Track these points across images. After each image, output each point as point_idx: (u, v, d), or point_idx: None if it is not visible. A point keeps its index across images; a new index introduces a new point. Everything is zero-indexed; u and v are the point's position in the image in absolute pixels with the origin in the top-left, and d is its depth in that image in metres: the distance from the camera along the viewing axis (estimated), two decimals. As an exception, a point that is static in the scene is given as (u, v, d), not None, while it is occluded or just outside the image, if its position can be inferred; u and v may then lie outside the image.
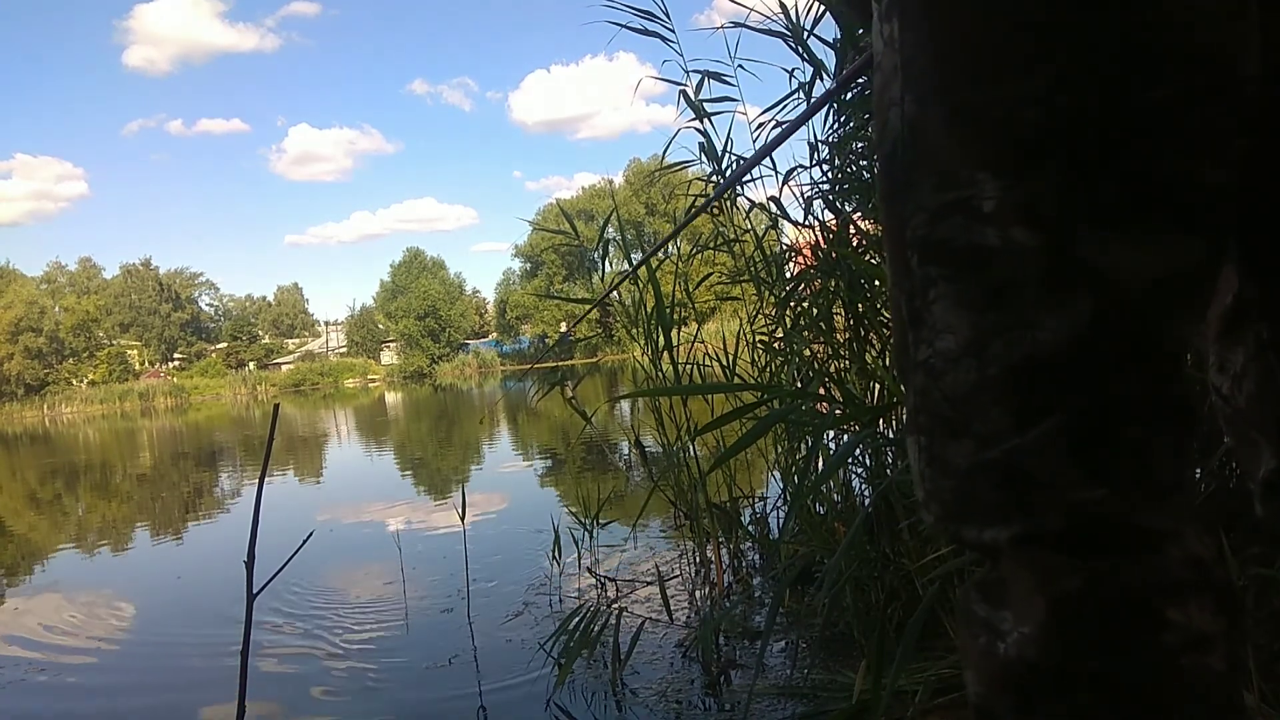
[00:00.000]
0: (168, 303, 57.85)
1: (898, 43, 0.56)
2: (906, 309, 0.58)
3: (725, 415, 1.50)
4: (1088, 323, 0.51)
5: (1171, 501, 0.54)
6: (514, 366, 46.46)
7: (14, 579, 4.22)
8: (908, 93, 0.55)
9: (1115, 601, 0.52)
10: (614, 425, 7.24)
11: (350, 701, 2.06)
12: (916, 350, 0.57)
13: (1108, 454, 0.52)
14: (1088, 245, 0.51)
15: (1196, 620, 0.52)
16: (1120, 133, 0.49)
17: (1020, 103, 0.50)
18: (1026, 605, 0.53)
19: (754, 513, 2.90)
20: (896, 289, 0.59)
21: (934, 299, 0.55)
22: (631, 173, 48.50)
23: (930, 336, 0.56)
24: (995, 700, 0.55)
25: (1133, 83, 0.48)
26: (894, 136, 0.57)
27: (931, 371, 0.56)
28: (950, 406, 0.56)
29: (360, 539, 4.25)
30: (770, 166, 2.59)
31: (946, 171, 0.54)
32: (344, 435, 13.13)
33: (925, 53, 0.54)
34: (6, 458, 15.28)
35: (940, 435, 0.57)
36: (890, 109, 0.57)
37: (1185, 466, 0.58)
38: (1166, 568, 0.52)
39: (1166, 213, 0.50)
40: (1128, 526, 0.53)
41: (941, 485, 0.58)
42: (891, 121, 0.57)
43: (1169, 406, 0.54)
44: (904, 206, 0.57)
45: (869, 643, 1.73)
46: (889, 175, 0.59)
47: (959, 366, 0.55)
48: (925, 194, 0.55)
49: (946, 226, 0.54)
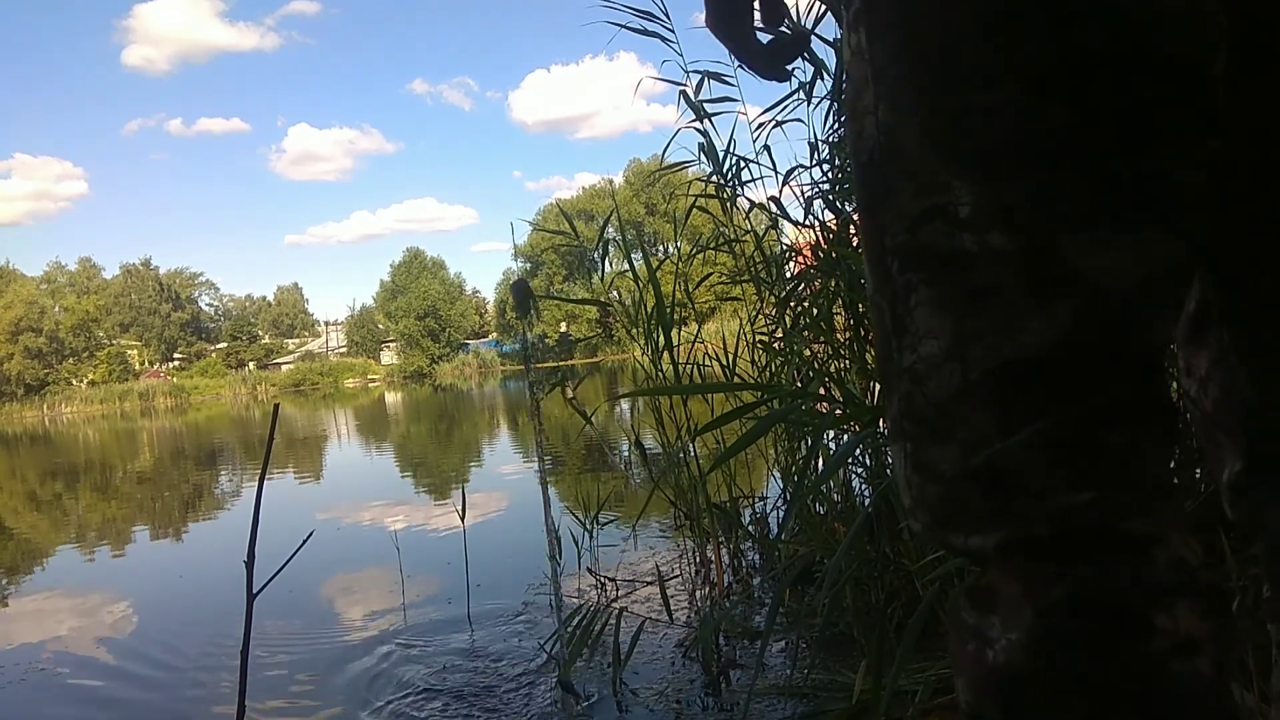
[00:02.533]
0: (168, 303, 57.86)
1: (866, 53, 0.56)
2: (890, 316, 0.58)
3: (725, 415, 1.51)
4: (1069, 325, 0.51)
5: (1157, 505, 0.54)
6: (514, 366, 46.46)
7: (14, 579, 4.22)
8: (881, 102, 0.56)
9: (1102, 608, 0.52)
10: (614, 425, 7.24)
11: (350, 701, 2.06)
12: (900, 356, 0.57)
13: (1092, 458, 0.52)
14: (1066, 248, 0.51)
15: (1184, 625, 0.52)
16: (1092, 136, 0.49)
17: (992, 110, 0.50)
18: (1015, 612, 0.53)
19: (754, 513, 2.90)
20: (879, 295, 0.59)
21: (915, 305, 0.55)
22: (632, 173, 48.59)
23: (913, 342, 0.56)
24: (985, 707, 0.55)
25: (1101, 88, 0.49)
26: (870, 145, 0.57)
27: (915, 377, 0.56)
28: (935, 411, 0.56)
29: (360, 539, 4.25)
30: (770, 167, 2.60)
31: (923, 178, 0.54)
32: (344, 435, 13.13)
33: (897, 62, 0.54)
34: (6, 458, 15.28)
35: (925, 441, 0.57)
36: (865, 117, 0.57)
37: (1169, 468, 0.58)
38: (1153, 573, 0.52)
39: (1143, 213, 0.51)
40: (1114, 532, 0.53)
41: (927, 492, 0.58)
42: (867, 130, 0.57)
43: (1151, 408, 0.54)
44: (883, 214, 0.57)
45: (869, 643, 1.73)
46: (866, 183, 0.59)
47: (942, 371, 0.55)
48: (904, 201, 0.55)
49: (926, 232, 0.54)
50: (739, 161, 2.66)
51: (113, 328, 55.21)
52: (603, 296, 3.08)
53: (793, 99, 2.44)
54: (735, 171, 2.67)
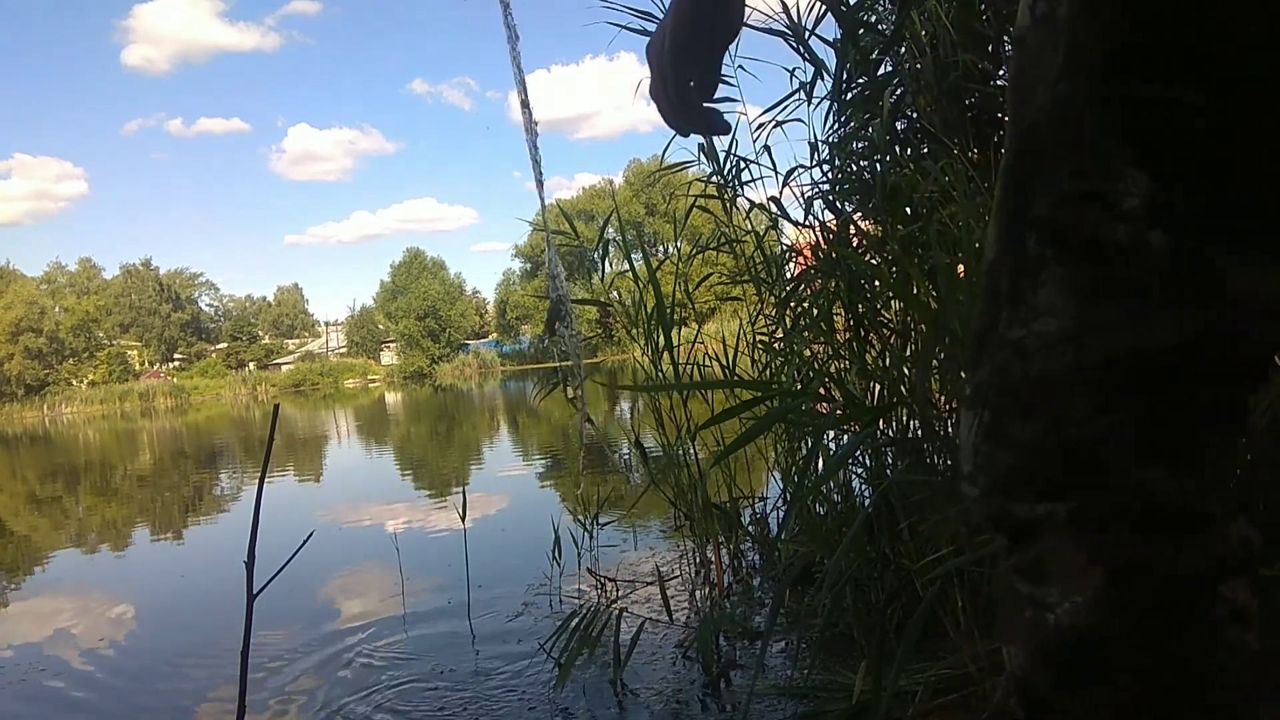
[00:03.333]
0: (168, 303, 57.85)
1: (1064, 23, 0.55)
2: (1008, 286, 0.58)
3: (726, 411, 1.50)
4: (1197, 332, 0.52)
5: (1225, 490, 0.58)
6: (514, 367, 46.47)
7: (14, 579, 4.22)
8: (1066, 74, 0.55)
9: (1176, 576, 0.54)
10: (614, 425, 7.24)
11: (350, 701, 2.06)
12: (1008, 328, 0.57)
13: (1180, 445, 0.54)
14: (1220, 262, 0.52)
15: (1241, 599, 0.54)
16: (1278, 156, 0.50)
17: (1189, 109, 0.51)
18: (1078, 578, 0.55)
19: (754, 513, 2.90)
20: (1000, 263, 0.59)
21: (1044, 281, 0.55)
22: (631, 173, 48.61)
23: (1028, 317, 0.56)
24: (1038, 672, 0.56)
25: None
26: (1036, 114, 0.57)
27: (1021, 351, 0.56)
28: (1031, 387, 0.56)
29: (360, 539, 4.25)
30: (770, 166, 2.59)
31: (1089, 161, 0.54)
32: (344, 436, 13.13)
33: (1106, 41, 0.54)
34: (7, 458, 15.28)
35: (1009, 413, 0.57)
36: (1038, 85, 0.57)
37: (1235, 457, 0.62)
38: (1225, 548, 0.55)
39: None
40: (1192, 510, 0.55)
41: (997, 459, 0.58)
42: (1038, 98, 0.57)
43: (1239, 419, 0.57)
44: (1032, 183, 0.57)
45: (869, 643, 1.73)
46: (1021, 150, 0.58)
47: (1054, 351, 0.55)
48: (1059, 178, 0.55)
49: (1075, 214, 0.55)
50: (739, 162, 2.66)
51: (113, 328, 55.21)
52: (603, 297, 3.08)
53: (793, 99, 2.44)
54: (735, 172, 2.67)
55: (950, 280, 1.65)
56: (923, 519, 1.69)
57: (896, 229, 2.03)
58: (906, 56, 2.14)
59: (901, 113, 2.24)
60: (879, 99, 2.11)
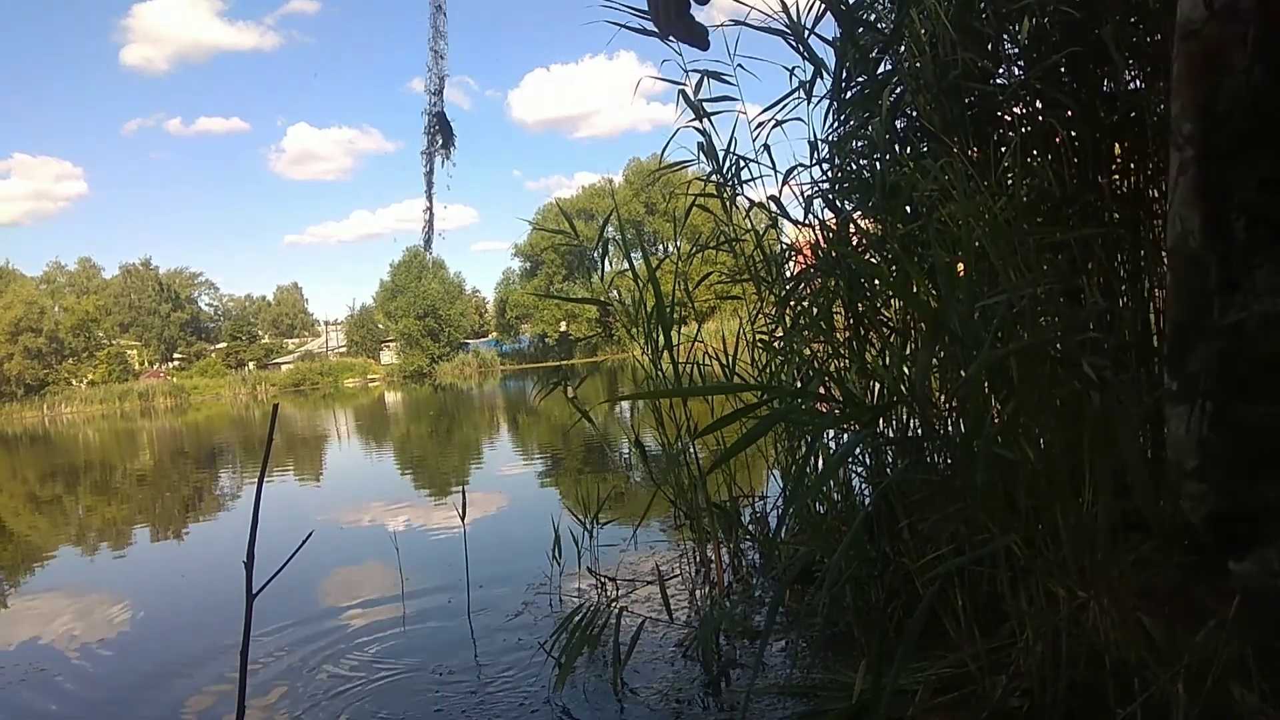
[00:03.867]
0: (167, 303, 57.79)
1: (1252, 14, 0.55)
2: (1216, 272, 0.57)
3: (726, 416, 1.50)
4: None
5: None
6: (514, 366, 46.45)
7: (14, 579, 4.22)
8: (1260, 63, 0.55)
9: None
10: (614, 425, 7.24)
11: (350, 701, 2.06)
12: (1224, 314, 0.57)
13: None
14: None
15: None
16: None
17: None
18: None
19: (754, 512, 2.90)
20: (1206, 250, 0.58)
21: (1260, 263, 0.55)
22: (631, 172, 48.49)
23: (1247, 300, 0.56)
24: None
25: None
26: (1230, 101, 0.56)
27: (1242, 333, 0.56)
28: (1257, 368, 0.56)
29: (360, 539, 4.24)
30: (770, 165, 2.59)
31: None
32: (344, 435, 13.12)
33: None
34: (7, 458, 15.28)
35: (1233, 398, 0.57)
36: (1227, 74, 0.57)
37: None
38: None
39: None
40: None
41: (1232, 445, 0.58)
42: (1229, 86, 0.56)
43: None
44: (1234, 169, 0.56)
45: (869, 641, 1.73)
46: (1216, 138, 0.58)
47: (1278, 330, 0.54)
48: (1264, 161, 0.55)
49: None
50: (739, 161, 2.65)
51: (112, 328, 55.14)
52: (603, 296, 3.08)
53: (792, 98, 2.44)
54: (735, 171, 2.67)
55: (950, 279, 1.65)
56: (922, 518, 1.69)
57: (896, 227, 2.03)
58: (906, 55, 2.14)
59: (901, 111, 2.24)
60: (878, 97, 2.11)
